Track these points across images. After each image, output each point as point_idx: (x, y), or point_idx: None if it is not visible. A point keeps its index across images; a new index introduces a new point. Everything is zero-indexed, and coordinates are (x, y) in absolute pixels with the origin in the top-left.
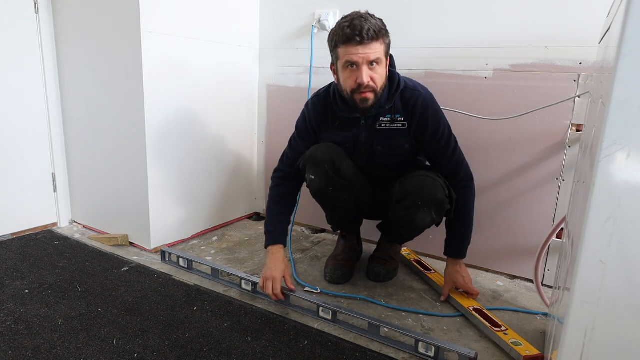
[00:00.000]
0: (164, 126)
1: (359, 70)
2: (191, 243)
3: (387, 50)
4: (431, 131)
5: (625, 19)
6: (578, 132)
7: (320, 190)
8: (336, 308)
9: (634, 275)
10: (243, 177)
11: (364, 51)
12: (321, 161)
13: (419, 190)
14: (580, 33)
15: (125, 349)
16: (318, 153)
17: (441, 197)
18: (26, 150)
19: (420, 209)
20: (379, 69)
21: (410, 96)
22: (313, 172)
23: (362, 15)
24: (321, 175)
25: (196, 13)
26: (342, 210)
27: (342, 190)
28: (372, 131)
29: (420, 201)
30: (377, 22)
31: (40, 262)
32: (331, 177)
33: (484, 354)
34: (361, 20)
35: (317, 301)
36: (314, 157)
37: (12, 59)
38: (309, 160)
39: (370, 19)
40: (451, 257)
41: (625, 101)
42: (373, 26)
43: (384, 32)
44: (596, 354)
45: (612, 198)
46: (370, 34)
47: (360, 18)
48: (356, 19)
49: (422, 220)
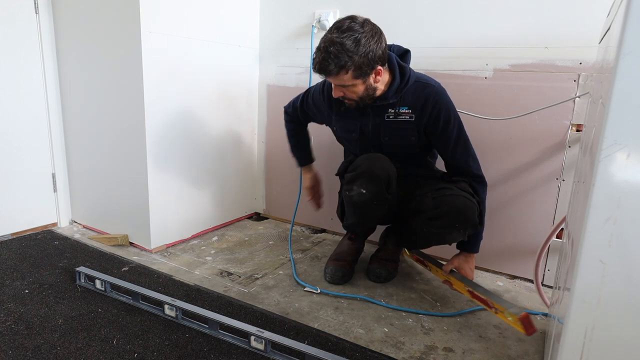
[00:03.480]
0: (164, 126)
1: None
2: (191, 243)
3: (361, 73)
4: (442, 124)
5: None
6: (578, 132)
7: (364, 204)
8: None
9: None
10: (243, 177)
11: (333, 80)
12: (379, 177)
13: (457, 211)
14: (580, 33)
15: (125, 349)
16: (375, 168)
17: (477, 219)
18: (26, 150)
19: (456, 230)
20: (355, 88)
21: (422, 90)
22: (366, 187)
23: (333, 44)
24: (374, 191)
25: (196, 13)
26: (374, 220)
27: (385, 204)
28: (379, 122)
29: (458, 223)
30: (343, 56)
31: (40, 262)
32: (383, 194)
33: (484, 353)
34: (327, 54)
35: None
36: (371, 172)
37: (12, 59)
38: (364, 175)
39: (337, 54)
40: (464, 250)
41: (625, 101)
42: (336, 62)
43: (349, 65)
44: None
45: (612, 198)
46: (333, 71)
47: (327, 52)
48: (324, 52)
49: (454, 239)
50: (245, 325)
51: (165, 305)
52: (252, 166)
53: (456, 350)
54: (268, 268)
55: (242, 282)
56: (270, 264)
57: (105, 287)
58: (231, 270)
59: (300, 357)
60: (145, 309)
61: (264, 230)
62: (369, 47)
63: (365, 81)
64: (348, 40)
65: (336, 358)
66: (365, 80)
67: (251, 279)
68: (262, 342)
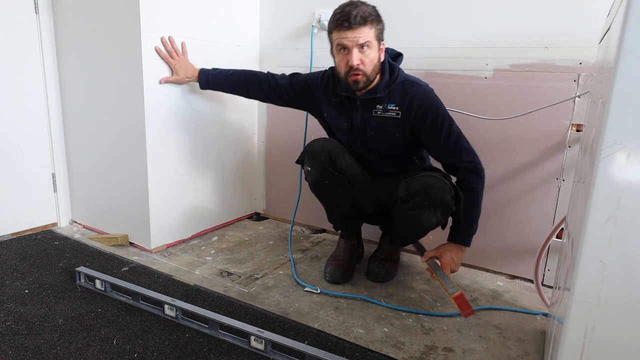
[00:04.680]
0: (164, 126)
1: (350, 53)
2: (191, 243)
3: (379, 34)
4: (430, 121)
5: (625, 19)
6: (578, 132)
7: (316, 182)
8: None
9: (634, 275)
10: (243, 177)
11: (353, 35)
12: (318, 153)
13: (425, 190)
14: (580, 33)
15: (125, 349)
16: (315, 146)
17: (448, 198)
18: (26, 150)
19: (426, 210)
20: (370, 52)
21: (410, 88)
22: (310, 164)
23: (354, 2)
24: (317, 167)
25: (196, 13)
26: (339, 205)
27: (339, 184)
28: (367, 116)
29: (427, 201)
30: (367, 8)
31: (40, 262)
32: (327, 169)
33: (484, 353)
34: (351, 7)
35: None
36: (311, 150)
37: (12, 59)
38: (307, 153)
39: (361, 6)
40: (452, 241)
41: (625, 101)
42: (361, 12)
43: (372, 18)
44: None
45: (612, 198)
46: (358, 19)
47: (351, 5)
48: (347, 5)
49: (427, 220)
50: (245, 325)
51: (165, 305)
52: (252, 166)
53: (456, 350)
54: (268, 268)
55: (242, 282)
56: (270, 264)
57: (105, 287)
58: (231, 270)
59: (300, 357)
60: (145, 309)
61: (264, 230)
62: (381, 17)
63: (379, 47)
64: (366, 5)
65: (336, 358)
66: (379, 46)
67: (251, 279)
68: (262, 342)
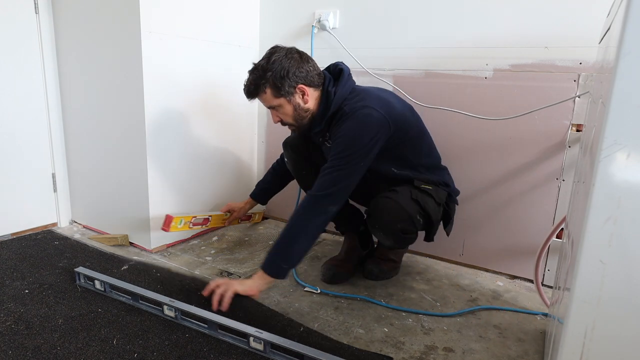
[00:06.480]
0: (164, 126)
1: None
2: (191, 243)
3: (279, 92)
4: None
5: (625, 19)
6: (578, 132)
7: (296, 173)
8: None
9: (634, 275)
10: (243, 177)
11: (262, 103)
12: (288, 145)
13: (379, 214)
14: (580, 33)
15: (125, 349)
16: (289, 140)
17: (400, 227)
18: (26, 150)
19: (378, 232)
20: (282, 109)
21: (339, 119)
22: (287, 155)
23: (250, 70)
24: (292, 158)
25: (196, 13)
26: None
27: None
28: (324, 147)
29: (378, 225)
30: (252, 77)
31: (40, 262)
32: (301, 161)
33: (484, 353)
34: (247, 79)
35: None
36: (285, 143)
37: (12, 59)
38: (283, 146)
39: (249, 77)
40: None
41: (625, 101)
42: (247, 88)
43: (259, 85)
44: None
45: (612, 198)
46: (248, 95)
47: (248, 77)
48: (246, 79)
49: (383, 242)
50: (244, 325)
51: (164, 305)
52: (252, 166)
53: (456, 350)
54: None
55: None
56: None
57: (105, 287)
58: (231, 270)
59: (300, 358)
60: (145, 309)
61: (264, 230)
62: (282, 64)
63: (291, 100)
64: (262, 61)
65: (335, 358)
66: (290, 99)
67: None
68: (261, 343)
